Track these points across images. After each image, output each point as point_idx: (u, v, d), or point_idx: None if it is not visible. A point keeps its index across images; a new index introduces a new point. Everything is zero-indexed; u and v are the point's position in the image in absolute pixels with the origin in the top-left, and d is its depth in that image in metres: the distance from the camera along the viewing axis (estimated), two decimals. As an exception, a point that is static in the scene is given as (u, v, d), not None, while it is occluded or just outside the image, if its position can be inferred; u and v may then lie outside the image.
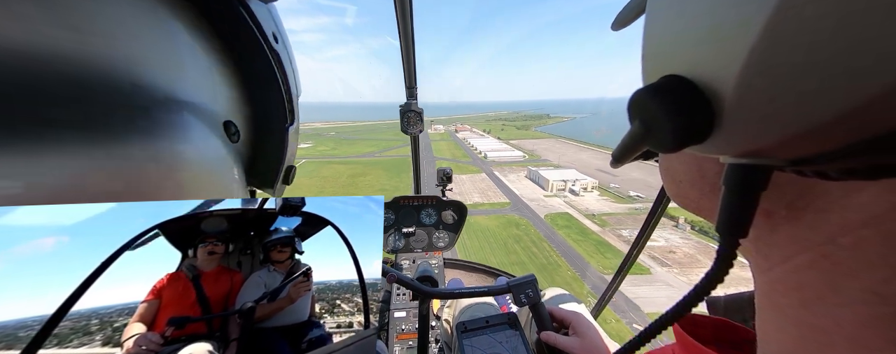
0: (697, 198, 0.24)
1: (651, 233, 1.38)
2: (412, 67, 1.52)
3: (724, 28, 0.13)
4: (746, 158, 0.15)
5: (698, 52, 0.14)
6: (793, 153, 0.13)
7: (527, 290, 0.81)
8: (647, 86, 0.16)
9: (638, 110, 0.17)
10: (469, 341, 0.76)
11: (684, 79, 0.15)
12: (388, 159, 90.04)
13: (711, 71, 0.14)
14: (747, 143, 0.14)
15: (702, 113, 0.14)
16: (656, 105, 0.15)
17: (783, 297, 0.19)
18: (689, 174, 0.23)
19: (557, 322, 0.82)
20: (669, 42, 0.16)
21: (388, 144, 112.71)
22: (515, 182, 62.62)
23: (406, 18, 1.26)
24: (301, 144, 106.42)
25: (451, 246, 1.81)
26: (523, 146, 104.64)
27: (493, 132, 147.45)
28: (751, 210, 0.16)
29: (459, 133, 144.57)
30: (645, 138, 0.17)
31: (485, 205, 48.86)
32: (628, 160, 0.21)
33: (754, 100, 0.12)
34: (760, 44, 0.11)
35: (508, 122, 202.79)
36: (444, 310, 1.26)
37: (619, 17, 0.26)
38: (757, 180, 0.16)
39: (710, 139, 0.15)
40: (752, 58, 0.12)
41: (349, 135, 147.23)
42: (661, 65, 0.17)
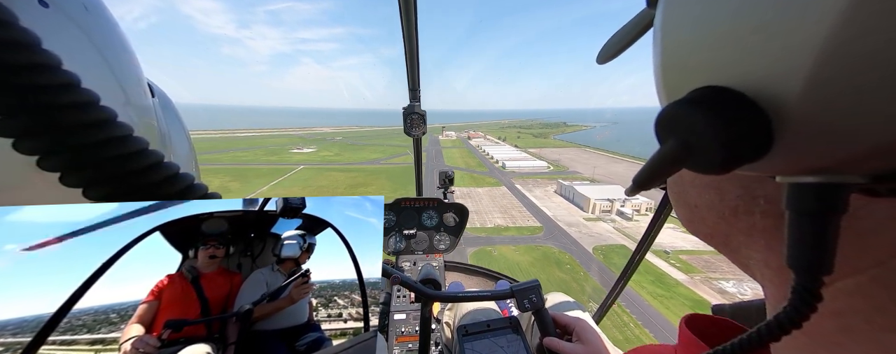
0: (714, 223, 0.22)
1: (656, 237, 1.37)
2: (416, 69, 1.50)
3: (781, 21, 0.11)
4: (813, 176, 0.13)
5: (744, 55, 0.12)
6: (870, 168, 0.11)
7: (530, 295, 0.81)
8: (682, 100, 0.14)
9: (673, 128, 0.15)
10: (470, 345, 0.76)
11: (729, 90, 0.13)
12: (394, 166, 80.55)
13: (766, 76, 0.12)
14: (814, 159, 0.12)
15: (758, 126, 0.12)
16: (699, 120, 0.13)
17: (814, 323, 0.16)
18: (706, 197, 0.21)
19: (560, 328, 0.81)
20: (698, 48, 0.14)
21: (396, 150, 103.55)
22: (544, 199, 51.92)
23: (410, 20, 1.23)
24: (304, 149, 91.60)
25: (452, 249, 1.79)
26: (545, 155, 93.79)
27: (508, 140, 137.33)
28: (833, 238, 0.13)
29: (473, 140, 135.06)
30: (683, 159, 0.14)
31: (510, 230, 38.34)
32: (656, 185, 0.18)
33: (830, 107, 0.10)
34: (839, 33, 0.09)
35: (524, 130, 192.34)
36: (445, 313, 1.29)
37: (604, 50, 0.24)
38: (834, 201, 0.13)
39: (766, 156, 0.13)
40: (826, 54, 0.10)
41: (356, 140, 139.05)
42: (690, 76, 0.15)
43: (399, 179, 66.78)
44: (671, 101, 0.14)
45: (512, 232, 37.94)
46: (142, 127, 0.42)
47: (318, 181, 64.82)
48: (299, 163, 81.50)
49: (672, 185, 0.25)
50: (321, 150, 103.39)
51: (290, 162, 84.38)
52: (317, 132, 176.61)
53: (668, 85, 0.16)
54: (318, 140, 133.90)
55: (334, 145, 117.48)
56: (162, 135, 0.48)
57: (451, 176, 1.84)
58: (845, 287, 0.16)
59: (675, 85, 0.16)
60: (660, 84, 0.17)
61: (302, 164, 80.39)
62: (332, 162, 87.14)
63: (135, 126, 0.28)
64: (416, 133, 1.69)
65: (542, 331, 0.79)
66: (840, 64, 0.10)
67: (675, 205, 0.25)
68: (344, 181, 65.16)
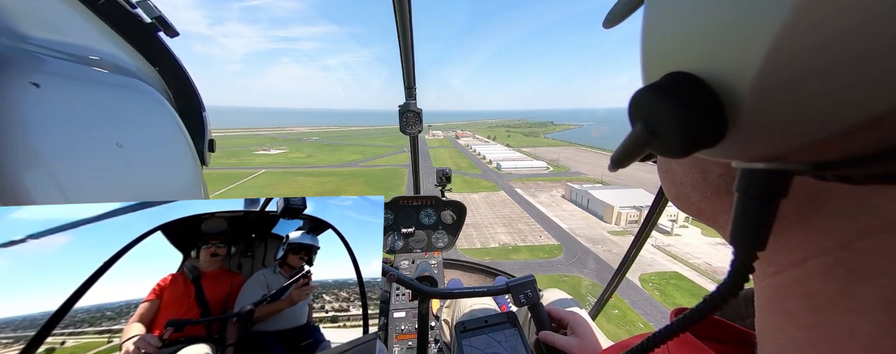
0: (698, 201, 0.23)
1: (650, 232, 1.41)
2: (411, 67, 1.52)
3: (740, 13, 0.11)
4: (763, 163, 0.14)
5: (708, 43, 0.13)
6: (817, 157, 0.12)
7: (526, 291, 0.82)
8: (650, 84, 0.15)
9: (640, 111, 0.15)
10: (468, 341, 0.77)
11: (692, 77, 0.13)
12: (374, 169, 70.32)
13: (725, 65, 0.12)
14: (766, 147, 0.13)
15: (714, 114, 0.13)
16: (661, 106, 0.14)
17: (791, 302, 0.18)
18: (690, 176, 0.22)
19: (556, 322, 0.82)
20: (673, 34, 0.14)
21: (379, 151, 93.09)
22: (552, 206, 43.45)
23: (404, 17, 1.24)
24: (272, 150, 79.47)
25: (451, 247, 1.82)
26: (541, 154, 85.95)
27: (498, 138, 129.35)
28: (770, 219, 0.15)
29: (461, 139, 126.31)
30: (648, 142, 0.15)
31: (522, 251, 29.42)
32: (628, 164, 0.19)
33: (778, 99, 0.11)
34: (787, 31, 0.10)
35: (513, 129, 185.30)
36: (444, 310, 1.30)
37: (612, 12, 0.24)
38: (777, 186, 0.14)
39: (722, 143, 0.14)
40: (776, 49, 0.10)
41: (334, 139, 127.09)
42: (664, 61, 0.15)
43: (379, 184, 56.83)
44: (644, 84, 0.15)
45: (524, 254, 29.00)
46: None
47: (280, 189, 53.90)
48: (261, 167, 69.85)
49: (660, 162, 0.25)
50: (292, 152, 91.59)
51: (251, 165, 72.40)
52: (291, 132, 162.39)
53: (646, 68, 0.17)
54: (292, 140, 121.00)
55: (308, 146, 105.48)
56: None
57: (449, 174, 1.83)
58: (814, 268, 0.17)
59: (651, 70, 0.16)
60: (641, 66, 0.17)
61: (263, 168, 68.78)
62: (303, 164, 75.87)
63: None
64: (411, 131, 1.70)
65: (537, 325, 0.80)
66: (788, 59, 0.10)
67: (663, 182, 0.26)
68: (312, 188, 54.58)
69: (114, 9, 0.52)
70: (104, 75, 0.45)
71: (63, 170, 0.33)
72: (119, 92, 0.46)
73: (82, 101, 0.39)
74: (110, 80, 0.45)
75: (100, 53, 0.47)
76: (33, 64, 0.34)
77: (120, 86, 0.46)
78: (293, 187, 55.38)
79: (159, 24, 0.57)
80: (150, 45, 0.58)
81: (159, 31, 0.58)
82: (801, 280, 0.17)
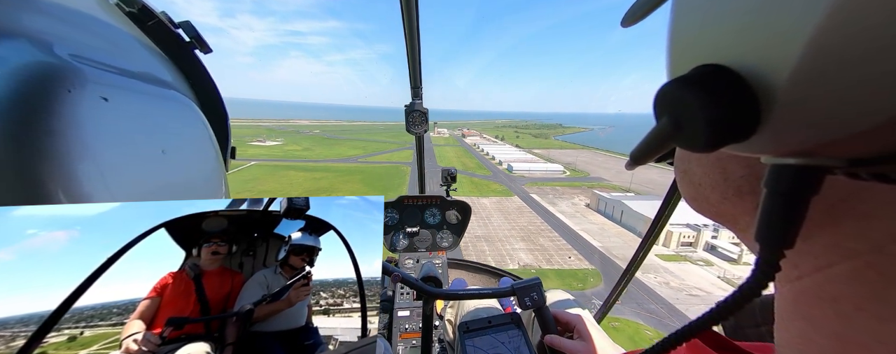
0: (718, 203, 0.22)
1: (659, 234, 1.40)
2: (418, 66, 1.52)
3: (777, 3, 0.11)
4: (795, 158, 0.13)
5: (742, 35, 0.12)
6: (853, 152, 0.12)
7: (531, 293, 0.82)
8: (678, 77, 0.14)
9: (667, 105, 0.15)
10: (471, 341, 0.77)
11: (724, 69, 0.13)
12: (373, 166, 64.23)
13: (760, 56, 0.12)
14: (799, 142, 0.12)
15: (747, 106, 0.12)
16: (690, 99, 0.13)
17: (814, 308, 0.18)
18: (710, 176, 0.21)
19: (562, 325, 0.82)
20: (703, 26, 0.14)
21: (380, 147, 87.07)
22: (575, 216, 37.08)
23: (412, 17, 1.25)
24: (267, 142, 64.69)
25: (455, 246, 1.83)
26: (554, 157, 79.42)
27: (507, 139, 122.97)
28: (800, 217, 0.14)
29: (467, 138, 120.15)
30: (674, 136, 0.15)
31: (549, 277, 23.11)
32: (648, 160, 0.19)
33: (819, 88, 0.11)
34: (836, 14, 0.09)
35: (521, 129, 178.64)
36: (448, 310, 1.30)
37: (631, 10, 0.23)
38: (809, 183, 0.14)
39: (753, 137, 0.13)
40: (822, 33, 0.10)
41: (335, 133, 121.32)
42: (693, 53, 0.15)
43: (377, 183, 50.76)
44: (671, 78, 0.15)
45: (552, 281, 22.69)
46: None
47: (266, 183, 48.04)
48: (251, 159, 64.03)
49: (678, 162, 0.25)
50: (288, 144, 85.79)
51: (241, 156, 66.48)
52: (292, 124, 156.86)
53: (673, 60, 0.16)
54: (290, 132, 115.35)
55: (307, 139, 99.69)
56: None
57: (454, 173, 1.85)
58: (842, 272, 0.16)
59: (679, 63, 0.16)
60: (667, 60, 0.17)
61: (254, 160, 62.96)
62: (297, 158, 69.93)
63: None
64: (417, 130, 1.70)
65: (542, 329, 0.81)
66: (834, 43, 0.10)
67: (680, 183, 0.25)
68: (302, 184, 48.65)
69: (160, 29, 0.59)
70: (151, 88, 0.49)
71: (115, 175, 0.36)
72: (163, 103, 0.51)
73: (136, 112, 0.43)
74: (156, 92, 0.50)
75: (148, 68, 0.53)
76: (103, 79, 0.38)
77: (164, 98, 0.51)
78: (282, 182, 49.40)
79: (196, 42, 0.65)
80: (187, 60, 0.64)
81: (195, 48, 0.65)
82: (825, 285, 0.17)
